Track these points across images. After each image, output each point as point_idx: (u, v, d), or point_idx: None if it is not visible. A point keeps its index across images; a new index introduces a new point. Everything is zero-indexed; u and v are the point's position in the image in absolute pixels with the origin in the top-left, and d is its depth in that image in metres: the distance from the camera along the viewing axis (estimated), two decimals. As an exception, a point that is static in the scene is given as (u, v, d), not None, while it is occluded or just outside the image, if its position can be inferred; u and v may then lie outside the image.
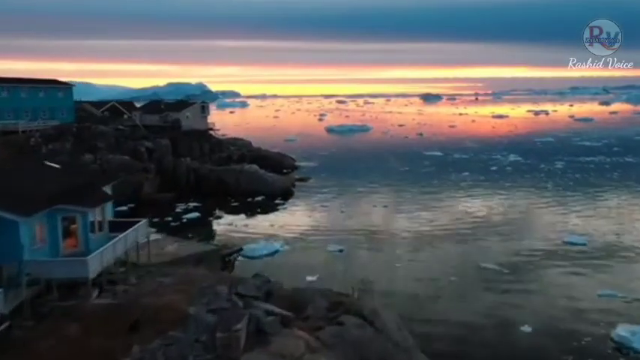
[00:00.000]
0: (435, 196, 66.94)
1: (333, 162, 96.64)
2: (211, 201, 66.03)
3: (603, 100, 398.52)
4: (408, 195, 67.50)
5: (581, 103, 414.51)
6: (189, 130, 79.73)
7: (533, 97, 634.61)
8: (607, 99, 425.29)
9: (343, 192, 69.48)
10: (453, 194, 67.83)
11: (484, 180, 77.88)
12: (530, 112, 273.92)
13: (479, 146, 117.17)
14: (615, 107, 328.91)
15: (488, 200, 64.33)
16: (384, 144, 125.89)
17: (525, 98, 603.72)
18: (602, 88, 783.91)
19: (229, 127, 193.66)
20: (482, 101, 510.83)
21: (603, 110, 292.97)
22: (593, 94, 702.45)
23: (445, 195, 67.32)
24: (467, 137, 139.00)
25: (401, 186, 73.21)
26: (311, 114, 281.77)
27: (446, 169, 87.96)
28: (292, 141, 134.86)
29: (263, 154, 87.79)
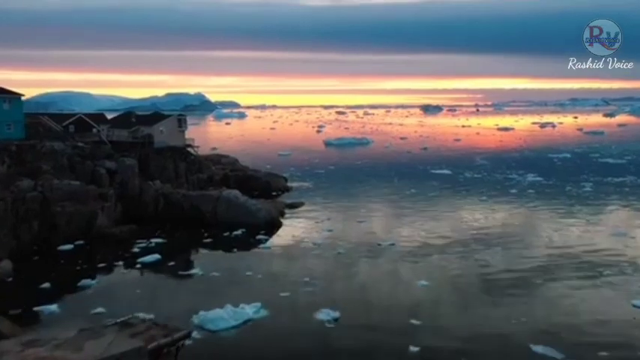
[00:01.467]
0: (450, 227, 55.06)
1: (329, 182, 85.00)
2: (181, 235, 54.25)
3: (607, 112, 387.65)
4: (419, 226, 55.38)
5: (583, 114, 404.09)
6: (163, 147, 68.30)
7: (533, 109, 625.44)
8: (610, 111, 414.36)
9: (340, 224, 57.42)
10: (471, 225, 56.04)
11: (506, 206, 66.16)
12: (535, 124, 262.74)
13: (490, 163, 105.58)
14: (620, 119, 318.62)
15: (518, 237, 52.44)
16: (386, 160, 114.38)
17: (526, 109, 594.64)
18: (602, 100, 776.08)
19: (222, 139, 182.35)
20: (483, 112, 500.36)
21: (609, 122, 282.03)
22: (594, 105, 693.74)
23: (463, 227, 55.39)
24: (475, 152, 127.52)
25: (409, 215, 61.22)
26: (309, 125, 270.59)
27: (459, 191, 76.28)
28: (286, 156, 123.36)
29: (249, 175, 76.23)
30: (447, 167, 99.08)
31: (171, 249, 48.59)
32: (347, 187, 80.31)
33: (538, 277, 40.20)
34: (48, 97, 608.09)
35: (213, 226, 55.61)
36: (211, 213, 56.35)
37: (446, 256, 45.14)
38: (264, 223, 55.21)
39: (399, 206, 66.30)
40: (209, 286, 38.79)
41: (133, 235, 51.76)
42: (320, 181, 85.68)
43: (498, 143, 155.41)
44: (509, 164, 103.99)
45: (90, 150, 61.47)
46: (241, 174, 76.04)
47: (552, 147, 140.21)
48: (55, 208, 48.61)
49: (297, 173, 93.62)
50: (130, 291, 37.52)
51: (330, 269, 42.60)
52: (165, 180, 64.43)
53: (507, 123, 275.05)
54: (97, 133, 71.39)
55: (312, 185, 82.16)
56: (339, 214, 62.24)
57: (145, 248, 47.81)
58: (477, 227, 55.17)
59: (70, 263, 43.93)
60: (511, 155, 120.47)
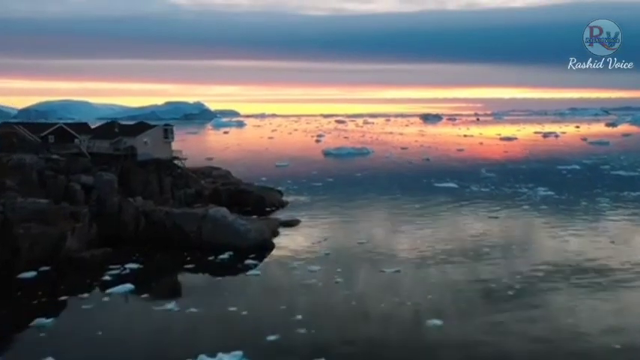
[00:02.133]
0: (462, 251, 49.24)
1: (328, 197, 79.34)
2: (161, 258, 48.57)
3: (609, 122, 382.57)
4: (427, 249, 49.56)
5: (584, 123, 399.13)
6: (147, 159, 62.77)
7: (533, 118, 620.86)
8: (612, 120, 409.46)
9: (339, 245, 51.49)
10: (483, 246, 50.27)
11: (521, 225, 60.43)
12: (537, 133, 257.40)
13: (497, 176, 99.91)
14: (623, 129, 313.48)
15: (540, 262, 46.49)
16: (387, 171, 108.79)
17: (526, 119, 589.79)
18: (601, 109, 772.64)
19: (218, 149, 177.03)
20: (484, 122, 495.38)
21: (612, 132, 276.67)
22: (594, 114, 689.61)
23: (476, 250, 49.64)
24: (480, 164, 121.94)
25: (414, 235, 55.22)
26: (308, 134, 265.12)
27: (467, 207, 70.41)
28: (284, 167, 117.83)
29: (242, 189, 70.62)
30: (451, 180, 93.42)
31: (148, 276, 42.86)
32: (346, 202, 74.64)
33: (576, 304, 34.61)
34: (47, 106, 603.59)
35: (198, 248, 49.89)
36: (196, 233, 50.66)
37: (460, 288, 39.45)
38: (254, 245, 49.43)
39: (403, 225, 60.35)
40: (184, 325, 32.96)
41: (106, 259, 46.05)
42: (318, 195, 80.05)
43: (503, 154, 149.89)
44: (517, 177, 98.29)
45: (65, 163, 55.93)
46: (233, 188, 70.45)
47: (559, 158, 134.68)
48: (17, 230, 42.98)
49: (293, 186, 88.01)
50: (91, 333, 31.68)
51: (326, 304, 36.77)
52: (149, 196, 58.81)
53: (509, 132, 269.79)
54: (77, 145, 65.89)
55: (310, 200, 76.51)
56: (338, 234, 56.47)
57: (117, 276, 42.05)
58: (490, 249, 49.58)
59: (27, 295, 38.10)
60: (518, 167, 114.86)
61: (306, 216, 64.70)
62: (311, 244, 52.02)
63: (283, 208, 71.01)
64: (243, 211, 67.85)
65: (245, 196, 69.53)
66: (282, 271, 43.74)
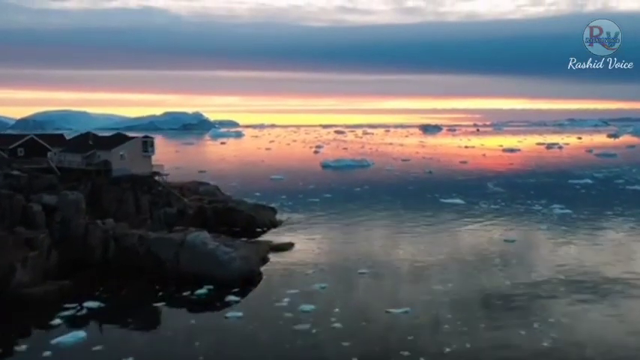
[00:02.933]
0: (479, 286, 42.04)
1: (325, 214, 72.37)
2: (129, 293, 41.38)
3: (610, 133, 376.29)
4: (439, 283, 42.47)
5: (585, 134, 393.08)
6: (123, 175, 55.95)
7: (533, 129, 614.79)
8: (612, 131, 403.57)
9: (337, 277, 44.25)
10: (503, 277, 43.28)
11: (541, 248, 53.14)
12: (540, 144, 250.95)
13: (506, 191, 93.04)
14: (626, 140, 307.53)
15: (576, 295, 39.61)
16: (389, 186, 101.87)
17: (526, 129, 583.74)
18: (601, 120, 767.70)
19: (213, 161, 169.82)
20: (484, 132, 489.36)
21: (616, 144, 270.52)
22: (594, 125, 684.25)
23: (497, 283, 42.41)
24: (485, 177, 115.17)
25: (423, 263, 47.97)
26: (307, 145, 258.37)
27: (478, 227, 62.91)
28: (279, 181, 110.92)
29: (230, 208, 63.66)
30: (457, 195, 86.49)
31: (107, 319, 35.64)
32: (345, 220, 67.62)
33: None
34: (45, 116, 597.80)
35: (175, 279, 42.84)
36: (172, 262, 43.69)
37: (487, 342, 32.35)
38: (239, 277, 42.29)
39: (408, 250, 53.21)
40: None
41: (63, 294, 38.99)
42: (314, 213, 73.06)
43: (508, 166, 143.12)
44: (527, 192, 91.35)
45: (26, 180, 49.15)
46: (221, 206, 63.49)
47: (568, 171, 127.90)
48: (-46, 263, 36.21)
49: (288, 202, 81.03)
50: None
51: (325, 352, 29.93)
52: (123, 217, 51.94)
53: (511, 144, 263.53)
54: (47, 159, 59.08)
55: (305, 218, 69.50)
56: (336, 261, 49.22)
57: (70, 319, 34.93)
58: (512, 281, 42.44)
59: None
60: (526, 181, 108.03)
61: (300, 238, 57.66)
62: (304, 275, 44.88)
63: (276, 228, 63.96)
64: (231, 232, 61.02)
65: (234, 215, 62.58)
66: (269, 313, 36.51)
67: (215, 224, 62.42)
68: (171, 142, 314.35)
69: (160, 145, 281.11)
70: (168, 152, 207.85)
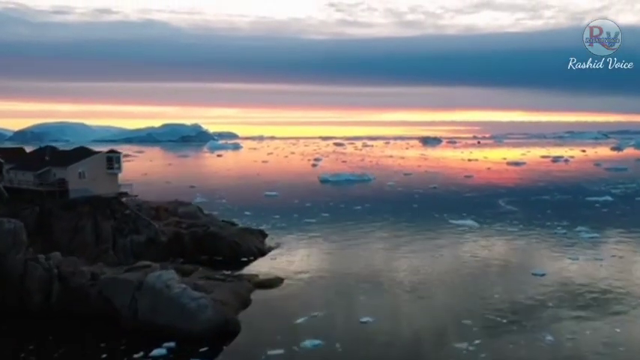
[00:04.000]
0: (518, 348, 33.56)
1: (322, 237, 63.23)
2: (70, 351, 32.78)
3: (613, 146, 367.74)
4: (457, 334, 33.86)
5: (587, 147, 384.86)
6: (84, 196, 47.22)
7: (533, 141, 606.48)
8: (615, 144, 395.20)
9: (335, 326, 35.03)
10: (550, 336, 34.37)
11: (578, 284, 44.10)
12: (544, 157, 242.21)
13: (520, 210, 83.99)
14: (629, 153, 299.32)
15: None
16: (392, 203, 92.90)
17: (527, 142, 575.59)
18: (600, 133, 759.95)
19: (206, 174, 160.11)
20: (485, 144, 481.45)
21: (621, 157, 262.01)
22: (594, 138, 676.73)
23: (536, 345, 33.67)
24: (495, 193, 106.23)
25: (439, 307, 39.15)
26: (305, 158, 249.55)
27: (497, 256, 53.69)
28: (273, 197, 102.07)
29: (211, 233, 54.73)
30: (468, 215, 77.60)
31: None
32: (345, 247, 58.50)
33: None
34: (43, 128, 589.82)
35: (130, 332, 33.87)
36: (129, 309, 34.77)
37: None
38: (210, 330, 33.34)
39: (421, 289, 44.08)
40: None
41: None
42: (309, 237, 64.03)
43: (516, 181, 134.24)
44: (544, 212, 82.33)
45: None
46: (201, 231, 54.62)
47: (581, 186, 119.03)
48: None
49: (281, 223, 72.09)
50: None
51: None
52: (78, 248, 43.17)
53: (514, 156, 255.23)
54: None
55: (299, 244, 60.43)
56: (333, 304, 39.87)
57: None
58: (563, 343, 33.43)
59: None
60: (540, 198, 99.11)
61: (291, 270, 48.68)
62: (294, 323, 35.82)
63: (264, 256, 54.92)
64: (212, 262, 52.22)
65: (216, 241, 53.67)
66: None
67: (193, 253, 53.59)
68: (167, 154, 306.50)
69: (155, 157, 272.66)
70: (162, 165, 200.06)
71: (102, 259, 43.46)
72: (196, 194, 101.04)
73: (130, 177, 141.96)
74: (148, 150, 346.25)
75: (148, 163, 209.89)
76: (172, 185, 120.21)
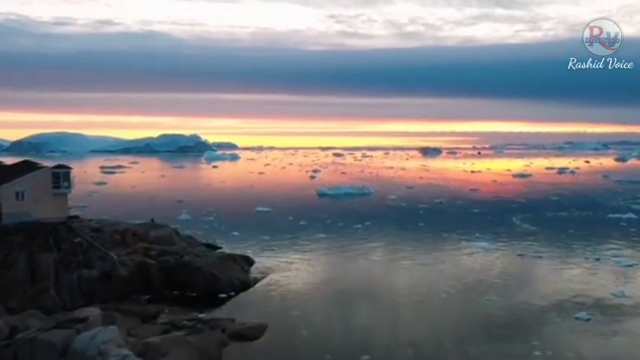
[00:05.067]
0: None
1: (318, 265, 53.63)
2: None
3: (616, 157, 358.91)
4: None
5: (589, 158, 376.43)
6: (18, 222, 38.09)
7: (533, 152, 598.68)
8: (618, 155, 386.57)
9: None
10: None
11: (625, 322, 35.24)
12: (549, 169, 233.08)
13: (538, 229, 74.66)
14: (634, 164, 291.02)
15: None
16: (395, 221, 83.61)
17: (527, 152, 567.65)
18: (600, 144, 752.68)
19: (197, 187, 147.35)
20: (485, 155, 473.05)
21: (627, 168, 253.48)
22: (594, 149, 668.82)
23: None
24: (505, 208, 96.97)
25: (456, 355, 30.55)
26: (303, 169, 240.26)
27: (524, 289, 44.89)
28: (265, 213, 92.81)
29: (185, 263, 45.56)
30: (481, 236, 68.31)
31: None
32: (343, 281, 49.02)
33: None
34: (40, 138, 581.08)
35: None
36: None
37: None
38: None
39: (437, 334, 34.66)
40: None
41: None
42: (302, 264, 54.31)
43: (526, 195, 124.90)
44: (566, 231, 72.88)
45: None
46: (173, 261, 45.38)
47: (598, 201, 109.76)
48: None
49: (271, 246, 62.67)
50: None
51: None
52: (10, 289, 34.01)
53: (518, 167, 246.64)
54: None
55: (289, 274, 50.68)
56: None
57: None
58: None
59: None
60: (557, 215, 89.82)
61: (278, 312, 39.24)
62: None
63: (247, 290, 45.73)
64: (184, 299, 42.98)
65: (190, 273, 44.46)
66: None
67: (162, 287, 44.25)
68: (163, 165, 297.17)
69: (149, 168, 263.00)
70: (154, 177, 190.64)
71: (39, 301, 34.32)
72: (182, 210, 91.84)
73: (118, 190, 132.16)
74: (144, 161, 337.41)
75: (140, 174, 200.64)
76: (159, 199, 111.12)
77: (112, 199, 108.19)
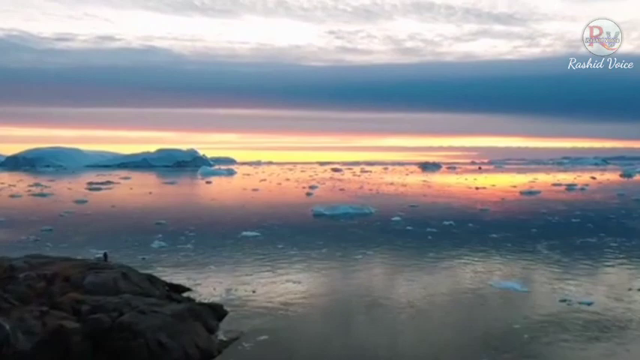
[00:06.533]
0: None
1: (307, 322, 40.86)
2: None
3: (622, 172, 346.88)
4: None
5: (592, 173, 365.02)
6: None
7: (533, 167, 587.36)
8: (623, 171, 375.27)
9: None
10: None
11: None
12: (556, 185, 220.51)
13: (573, 261, 61.70)
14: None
15: None
16: (400, 248, 70.81)
17: (527, 167, 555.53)
18: (599, 159, 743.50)
19: (181, 207, 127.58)
20: (486, 170, 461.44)
21: (637, 184, 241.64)
22: (594, 164, 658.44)
23: None
24: (525, 233, 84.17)
25: None
26: (300, 185, 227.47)
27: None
28: (252, 239, 79.85)
29: (123, 326, 33.13)
30: (509, 273, 55.65)
31: None
32: (343, 337, 36.51)
33: None
34: (36, 153, 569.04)
35: None
36: None
37: None
38: None
39: None
40: None
41: None
42: (289, 316, 41.33)
43: (543, 217, 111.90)
44: (609, 264, 60.17)
45: None
46: (108, 321, 32.85)
47: (629, 226, 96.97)
48: None
49: (251, 287, 49.93)
50: None
51: None
52: None
53: (522, 183, 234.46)
54: None
55: (269, 329, 38.24)
56: None
57: None
58: None
59: None
60: (587, 242, 76.98)
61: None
62: None
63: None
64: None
65: (127, 342, 32.02)
66: None
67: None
68: (156, 180, 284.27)
69: (140, 184, 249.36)
70: (141, 194, 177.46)
71: None
72: (158, 235, 79.05)
73: (95, 210, 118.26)
74: (137, 176, 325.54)
75: (127, 191, 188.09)
76: (136, 221, 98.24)
77: (82, 222, 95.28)
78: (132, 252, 55.85)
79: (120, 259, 51.51)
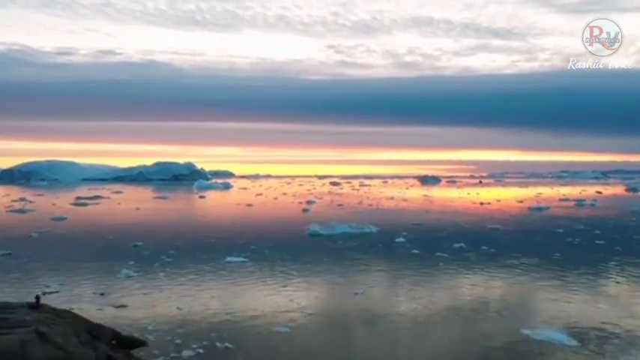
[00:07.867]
0: None
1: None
2: None
3: (628, 186, 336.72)
4: None
5: (595, 187, 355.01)
6: None
7: (533, 180, 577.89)
8: (625, 184, 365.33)
9: None
10: None
11: None
12: (564, 201, 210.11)
13: (613, 292, 52.05)
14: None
15: None
16: (407, 278, 60.49)
17: (527, 181, 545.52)
18: (599, 172, 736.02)
19: (165, 225, 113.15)
20: (486, 184, 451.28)
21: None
22: (594, 178, 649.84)
23: None
24: (547, 260, 73.93)
25: None
26: (296, 200, 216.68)
27: None
28: (237, 266, 69.39)
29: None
30: (550, 319, 45.60)
31: None
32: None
33: None
34: (31, 166, 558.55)
35: None
36: None
37: None
38: None
39: None
40: None
41: None
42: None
43: (562, 238, 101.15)
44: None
45: None
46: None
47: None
48: None
49: (228, 334, 39.35)
50: None
51: None
52: None
53: (528, 198, 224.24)
54: None
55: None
56: None
57: None
58: None
59: None
60: (620, 267, 66.85)
61: None
62: None
63: None
64: None
65: None
66: None
67: None
68: (149, 194, 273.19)
69: (131, 198, 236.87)
70: (128, 210, 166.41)
71: None
72: (129, 262, 68.13)
73: (71, 229, 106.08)
74: (131, 190, 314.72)
75: (114, 207, 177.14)
76: (111, 242, 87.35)
77: (49, 244, 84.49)
78: (91, 284, 45.26)
79: (68, 299, 40.86)
